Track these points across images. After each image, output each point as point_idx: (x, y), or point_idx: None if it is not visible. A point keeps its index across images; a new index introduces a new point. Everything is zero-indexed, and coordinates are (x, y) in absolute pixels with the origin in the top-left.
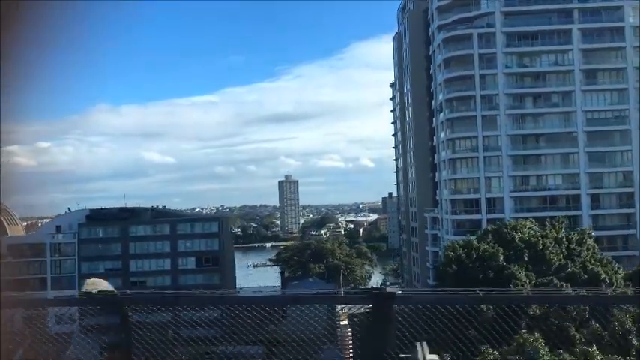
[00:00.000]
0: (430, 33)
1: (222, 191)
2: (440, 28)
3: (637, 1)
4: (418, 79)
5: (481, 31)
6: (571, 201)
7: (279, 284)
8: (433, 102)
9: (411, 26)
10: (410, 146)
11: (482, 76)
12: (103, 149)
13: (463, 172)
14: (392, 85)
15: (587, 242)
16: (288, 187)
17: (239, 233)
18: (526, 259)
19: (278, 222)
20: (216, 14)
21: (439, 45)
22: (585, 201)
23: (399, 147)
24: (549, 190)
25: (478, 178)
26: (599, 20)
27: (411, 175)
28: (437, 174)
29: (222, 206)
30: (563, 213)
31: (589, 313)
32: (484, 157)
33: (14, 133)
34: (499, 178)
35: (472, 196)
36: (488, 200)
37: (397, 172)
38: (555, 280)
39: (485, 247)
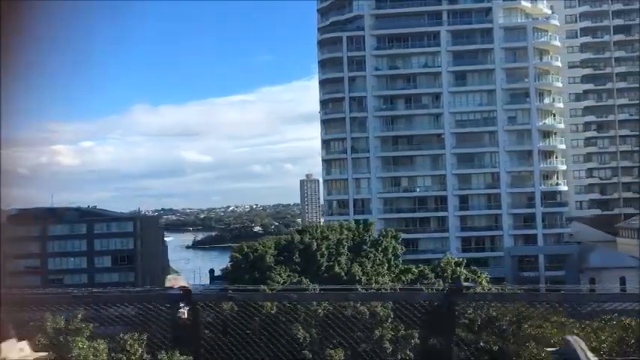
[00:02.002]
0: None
1: (259, 189)
2: (319, 30)
3: (506, 2)
4: None
5: (350, 34)
6: (439, 202)
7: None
8: None
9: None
10: None
11: (353, 79)
12: (142, 148)
13: (336, 173)
14: None
15: (384, 244)
16: (309, 185)
17: (260, 231)
18: (296, 260)
19: (299, 220)
20: (252, 14)
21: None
22: (452, 202)
23: None
24: (417, 191)
25: (347, 179)
26: (469, 22)
27: None
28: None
29: (256, 204)
30: (432, 214)
31: None
32: (354, 159)
33: (59, 132)
34: (368, 179)
35: (343, 196)
36: (358, 201)
37: None
38: (305, 281)
39: (258, 248)
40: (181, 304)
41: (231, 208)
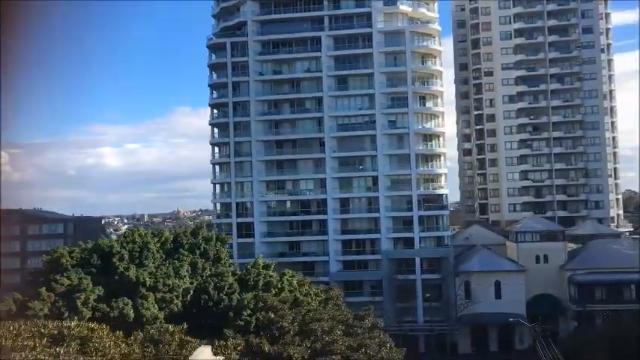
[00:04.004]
0: None
1: None
2: (214, 35)
3: (386, 7)
4: None
5: (233, 39)
6: (321, 205)
7: None
8: None
9: None
10: None
11: (238, 83)
12: (184, 150)
13: (223, 177)
14: None
15: (203, 247)
16: None
17: None
18: (95, 263)
19: None
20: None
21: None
22: (331, 205)
23: None
24: (299, 194)
25: (230, 182)
26: (350, 27)
27: None
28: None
29: None
30: (314, 217)
31: None
32: (240, 162)
33: (105, 135)
34: (251, 182)
35: (228, 199)
36: (242, 204)
37: None
38: (85, 283)
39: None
40: None
41: None
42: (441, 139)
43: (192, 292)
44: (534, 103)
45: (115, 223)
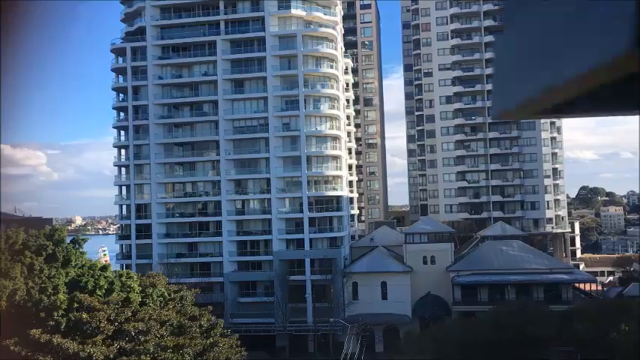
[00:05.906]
0: None
1: None
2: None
3: (280, 11)
4: None
5: (133, 44)
6: (218, 207)
7: None
8: None
9: None
10: None
11: (139, 87)
12: None
13: (124, 179)
14: None
15: (50, 249)
16: None
17: None
18: None
19: None
20: None
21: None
22: (226, 207)
23: None
24: (193, 195)
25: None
26: (245, 31)
27: None
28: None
29: None
30: (210, 218)
31: None
32: (141, 165)
33: None
34: (150, 184)
35: (126, 202)
36: (142, 206)
37: None
38: None
39: None
40: None
41: None
42: (338, 141)
43: (18, 293)
44: (471, 103)
45: None
